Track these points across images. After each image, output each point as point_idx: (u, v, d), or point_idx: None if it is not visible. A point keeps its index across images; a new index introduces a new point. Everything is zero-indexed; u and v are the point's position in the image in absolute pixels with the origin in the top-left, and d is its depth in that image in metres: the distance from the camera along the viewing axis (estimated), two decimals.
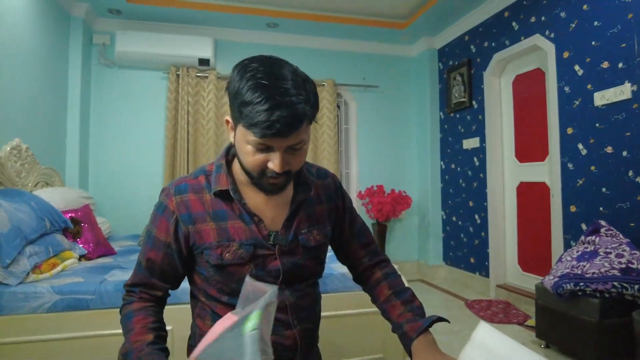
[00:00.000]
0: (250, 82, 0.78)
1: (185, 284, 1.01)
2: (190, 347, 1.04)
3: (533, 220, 3.30)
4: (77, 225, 2.40)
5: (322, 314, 1.09)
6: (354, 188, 4.41)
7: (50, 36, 3.18)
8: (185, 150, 3.79)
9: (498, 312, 3.10)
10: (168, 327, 1.65)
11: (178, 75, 3.85)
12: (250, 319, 0.68)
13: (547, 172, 3.12)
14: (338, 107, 4.41)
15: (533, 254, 3.31)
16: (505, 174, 3.58)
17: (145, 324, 0.90)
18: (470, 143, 3.88)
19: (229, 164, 0.97)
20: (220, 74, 3.98)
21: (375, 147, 4.48)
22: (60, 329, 1.65)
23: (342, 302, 1.88)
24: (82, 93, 3.59)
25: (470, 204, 3.90)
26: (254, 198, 0.94)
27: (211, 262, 0.91)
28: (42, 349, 1.63)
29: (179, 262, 0.95)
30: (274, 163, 0.82)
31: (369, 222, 4.33)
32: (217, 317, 0.92)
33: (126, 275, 1.84)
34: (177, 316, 1.56)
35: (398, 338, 0.95)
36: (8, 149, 2.48)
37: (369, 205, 4.14)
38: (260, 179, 0.86)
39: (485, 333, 0.82)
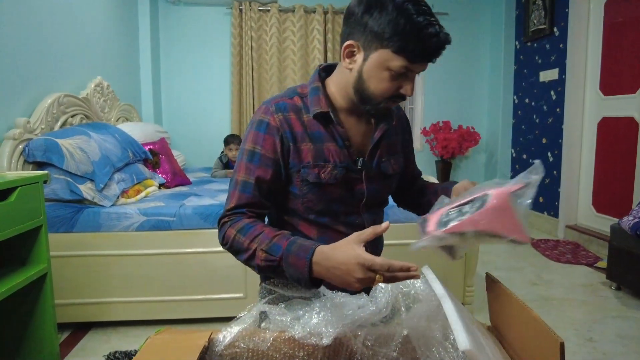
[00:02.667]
0: (400, 8, 0.79)
1: None
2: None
3: (614, 158, 3.05)
4: (155, 157, 2.61)
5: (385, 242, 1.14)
6: (418, 124, 4.29)
7: None
8: (250, 86, 3.87)
9: (565, 253, 3.00)
10: None
11: (241, 10, 3.84)
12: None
13: (637, 105, 2.82)
14: None
15: (611, 195, 3.10)
16: (586, 108, 3.29)
17: (272, 229, 0.88)
18: (548, 75, 3.57)
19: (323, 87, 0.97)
20: (282, 7, 3.91)
21: (443, 80, 4.27)
22: (147, 246, 1.87)
23: (404, 232, 1.92)
24: (151, 32, 3.72)
25: (544, 141, 3.67)
26: (345, 123, 0.97)
27: (309, 180, 0.94)
28: (133, 262, 1.87)
29: (284, 177, 0.95)
30: (407, 88, 0.85)
31: (432, 159, 4.25)
32: (298, 233, 0.97)
33: (202, 202, 2.00)
34: None
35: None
36: (92, 86, 2.69)
37: (434, 142, 4.03)
38: (380, 105, 0.89)
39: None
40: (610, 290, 2.35)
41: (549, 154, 3.60)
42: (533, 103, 3.81)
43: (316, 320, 0.76)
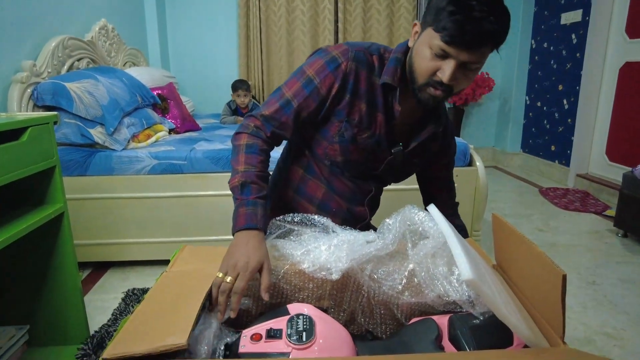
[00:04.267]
0: None
1: None
2: (274, 195, 1.12)
3: (634, 106, 2.96)
4: (164, 102, 2.59)
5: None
6: None
7: None
8: (257, 29, 3.74)
9: (574, 201, 3.00)
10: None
11: None
12: None
13: None
14: None
15: (626, 144, 3.04)
16: (609, 52, 3.14)
17: (264, 171, 0.92)
18: (571, 17, 3.39)
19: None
20: None
21: None
22: (160, 189, 1.90)
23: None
24: None
25: (560, 87, 3.56)
26: (402, 103, 0.97)
27: (345, 136, 0.97)
28: (146, 204, 1.91)
29: (320, 119, 0.98)
30: (444, 72, 0.82)
31: (445, 106, 4.16)
32: (308, 170, 1.06)
33: (213, 146, 2.01)
34: None
35: None
36: (97, 29, 2.62)
37: None
38: (423, 87, 0.88)
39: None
40: (617, 237, 2.37)
41: (565, 101, 3.50)
42: (552, 48, 3.65)
43: (325, 256, 0.78)
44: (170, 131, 2.48)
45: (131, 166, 1.88)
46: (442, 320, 0.74)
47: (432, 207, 0.82)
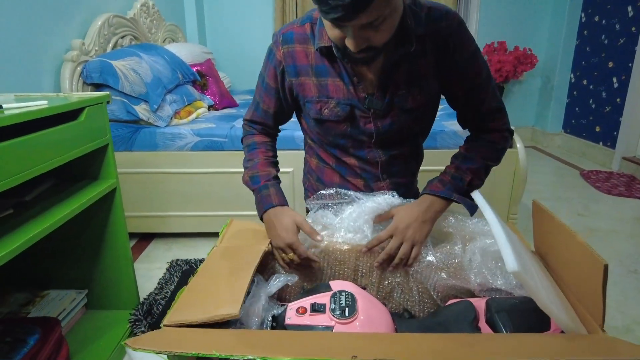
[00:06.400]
0: None
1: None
2: (305, 189, 1.19)
3: None
4: (203, 78, 2.64)
5: (427, 167, 1.16)
6: None
7: None
8: (293, 2, 3.71)
9: (618, 185, 2.89)
10: (289, 169, 1.90)
11: None
12: None
13: None
14: None
15: None
16: None
17: (267, 157, 1.02)
18: None
19: None
20: None
21: None
22: (202, 165, 1.97)
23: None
24: None
25: (610, 64, 3.37)
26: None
27: (311, 115, 0.96)
28: (189, 180, 2.00)
29: (286, 107, 1.03)
30: (349, 43, 0.73)
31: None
32: (319, 159, 1.07)
33: None
34: (297, 160, 1.75)
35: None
36: (138, 5, 2.68)
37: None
38: (345, 53, 0.79)
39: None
40: None
41: (614, 79, 3.32)
42: (604, 21, 3.45)
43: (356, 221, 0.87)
44: (209, 107, 2.54)
45: (174, 142, 1.95)
46: (479, 303, 0.76)
47: (476, 194, 0.83)
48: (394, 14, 0.72)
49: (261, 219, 0.95)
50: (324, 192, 0.95)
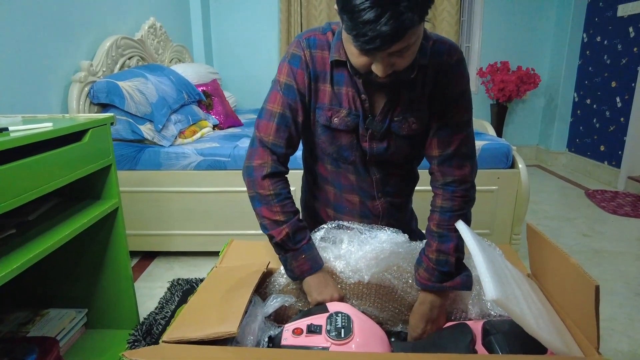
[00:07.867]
0: None
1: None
2: (302, 205, 1.20)
3: None
4: (208, 98, 2.69)
5: (422, 188, 1.14)
6: (475, 64, 4.07)
7: None
8: (298, 24, 3.79)
9: (624, 205, 2.87)
10: (292, 188, 1.91)
11: None
12: None
13: None
14: None
15: None
16: None
17: (296, 215, 0.95)
18: (629, 8, 3.21)
19: None
20: None
21: (504, 16, 3.95)
22: (205, 184, 1.99)
23: None
24: None
25: (613, 84, 3.38)
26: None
27: (320, 122, 0.95)
28: (192, 199, 2.01)
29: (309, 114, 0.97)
30: (377, 68, 0.76)
31: (487, 102, 4.06)
32: (317, 174, 1.06)
33: None
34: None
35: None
36: (146, 27, 2.75)
37: (490, 84, 3.84)
38: (368, 76, 0.81)
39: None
40: None
41: (617, 99, 3.33)
42: (606, 42, 3.48)
43: (358, 261, 0.83)
44: (214, 127, 2.57)
45: (178, 162, 1.97)
46: (476, 326, 0.75)
47: (459, 224, 0.83)
48: (417, 41, 0.75)
49: (301, 279, 0.90)
50: (325, 226, 0.96)
